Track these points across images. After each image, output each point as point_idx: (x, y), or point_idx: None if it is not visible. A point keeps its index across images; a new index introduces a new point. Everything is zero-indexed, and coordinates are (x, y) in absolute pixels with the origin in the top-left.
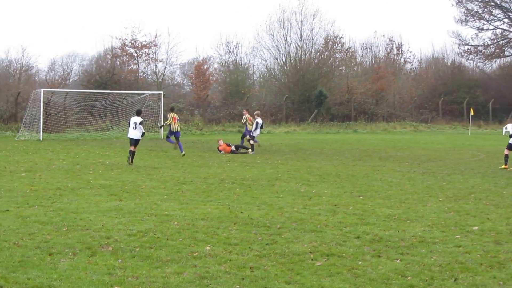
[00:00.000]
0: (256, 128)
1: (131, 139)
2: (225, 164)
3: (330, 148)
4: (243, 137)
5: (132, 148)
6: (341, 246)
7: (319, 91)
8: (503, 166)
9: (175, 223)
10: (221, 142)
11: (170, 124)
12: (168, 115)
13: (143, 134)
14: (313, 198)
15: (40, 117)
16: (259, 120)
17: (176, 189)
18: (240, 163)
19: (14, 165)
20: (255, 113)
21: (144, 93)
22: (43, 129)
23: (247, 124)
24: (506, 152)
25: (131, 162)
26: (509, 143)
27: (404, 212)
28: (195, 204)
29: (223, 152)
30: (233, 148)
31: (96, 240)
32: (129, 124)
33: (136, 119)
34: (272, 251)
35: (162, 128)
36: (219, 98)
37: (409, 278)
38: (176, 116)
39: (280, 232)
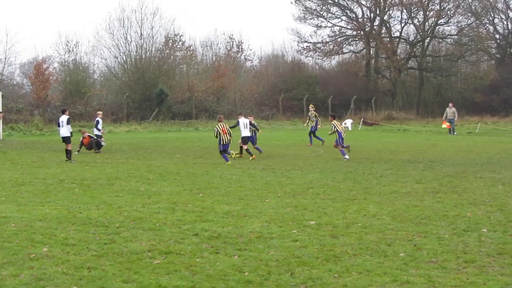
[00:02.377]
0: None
1: (62, 137)
2: (64, 165)
3: (171, 147)
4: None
5: (65, 147)
6: (179, 243)
7: (159, 90)
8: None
9: (12, 225)
10: (86, 134)
11: None
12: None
13: None
14: (152, 197)
15: None
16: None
17: (14, 191)
18: (80, 163)
19: None
20: (97, 112)
21: None
22: None
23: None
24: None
25: (70, 159)
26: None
27: (242, 208)
28: (33, 205)
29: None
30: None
31: None
32: (58, 123)
33: (63, 118)
34: (110, 250)
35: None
36: (59, 98)
37: (246, 273)
38: None
39: (118, 231)
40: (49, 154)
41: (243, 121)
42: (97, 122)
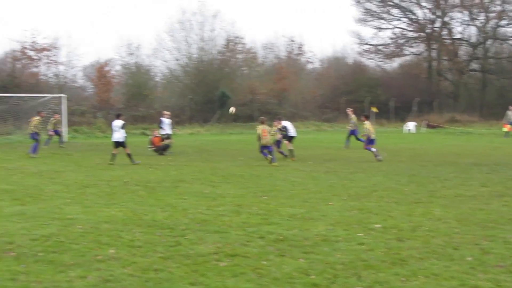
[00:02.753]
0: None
1: (114, 142)
2: (128, 167)
3: (234, 149)
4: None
5: (114, 151)
6: (245, 246)
7: (221, 92)
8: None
9: (79, 226)
10: (156, 133)
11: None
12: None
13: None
14: (217, 199)
15: None
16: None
17: (79, 193)
18: (144, 165)
19: None
20: (163, 112)
21: (45, 96)
22: None
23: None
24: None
25: (113, 162)
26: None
27: (307, 211)
28: (99, 207)
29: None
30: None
31: None
32: (112, 127)
33: (118, 123)
34: (177, 252)
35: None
36: (122, 100)
37: (312, 276)
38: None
39: (184, 233)
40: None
41: (287, 124)
42: (160, 121)
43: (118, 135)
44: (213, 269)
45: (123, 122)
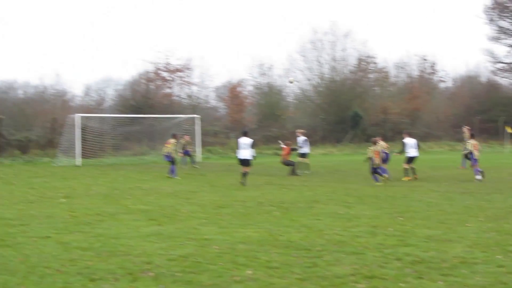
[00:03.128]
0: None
1: (241, 160)
2: (262, 187)
3: (368, 169)
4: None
5: (242, 170)
6: (382, 268)
7: (354, 112)
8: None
9: (215, 247)
10: (286, 143)
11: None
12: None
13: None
14: (352, 220)
15: (76, 143)
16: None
17: (215, 213)
18: (278, 185)
19: (53, 191)
20: (297, 131)
21: (179, 117)
22: (80, 154)
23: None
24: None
25: (244, 182)
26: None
27: (444, 232)
28: (235, 228)
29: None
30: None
31: (137, 266)
32: (239, 144)
33: (246, 140)
34: (314, 274)
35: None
36: (254, 120)
37: None
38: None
39: (320, 254)
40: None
41: (409, 141)
42: (298, 141)
43: (246, 153)
44: None
45: (252, 140)
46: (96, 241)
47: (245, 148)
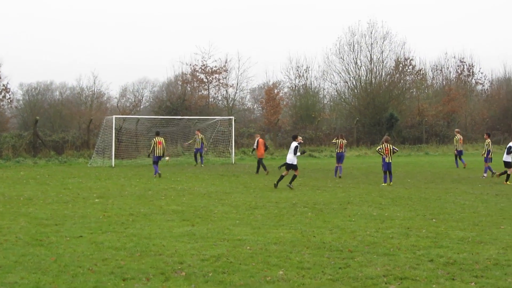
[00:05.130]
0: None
1: (287, 163)
2: (296, 189)
3: (402, 171)
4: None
5: (284, 173)
6: (414, 269)
7: (390, 114)
8: None
9: (248, 247)
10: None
11: (153, 149)
12: (153, 140)
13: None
14: (385, 221)
15: (112, 144)
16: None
17: (248, 214)
18: (311, 187)
19: (87, 192)
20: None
21: (214, 119)
22: (115, 155)
23: None
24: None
25: (290, 185)
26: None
27: (477, 234)
28: (267, 229)
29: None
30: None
31: (170, 265)
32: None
33: (292, 144)
34: (345, 275)
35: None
36: (289, 122)
37: None
38: (162, 140)
39: (352, 255)
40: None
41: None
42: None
43: (290, 156)
44: None
45: (297, 144)
46: (129, 241)
47: (290, 152)
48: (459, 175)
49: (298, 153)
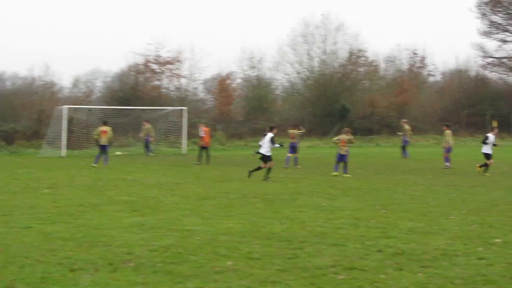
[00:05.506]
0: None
1: (262, 155)
2: (247, 179)
3: (353, 162)
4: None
5: (262, 165)
6: (363, 259)
7: (342, 105)
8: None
9: (197, 238)
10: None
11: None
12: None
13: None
14: (335, 212)
15: (62, 134)
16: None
17: (198, 204)
18: (262, 177)
19: (37, 182)
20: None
21: (166, 109)
22: (66, 146)
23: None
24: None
25: (250, 175)
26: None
27: (426, 225)
28: (217, 219)
29: None
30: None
31: (118, 256)
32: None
33: (268, 136)
34: (294, 265)
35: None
36: (241, 113)
37: None
38: (108, 129)
39: (302, 246)
40: (231, 168)
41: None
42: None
43: (265, 148)
44: (330, 282)
45: (272, 135)
46: (78, 232)
47: (265, 143)
48: (409, 166)
49: (277, 145)
